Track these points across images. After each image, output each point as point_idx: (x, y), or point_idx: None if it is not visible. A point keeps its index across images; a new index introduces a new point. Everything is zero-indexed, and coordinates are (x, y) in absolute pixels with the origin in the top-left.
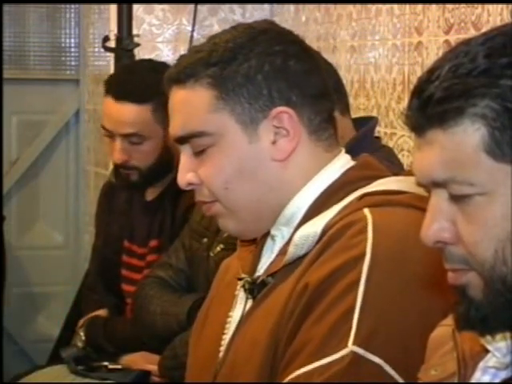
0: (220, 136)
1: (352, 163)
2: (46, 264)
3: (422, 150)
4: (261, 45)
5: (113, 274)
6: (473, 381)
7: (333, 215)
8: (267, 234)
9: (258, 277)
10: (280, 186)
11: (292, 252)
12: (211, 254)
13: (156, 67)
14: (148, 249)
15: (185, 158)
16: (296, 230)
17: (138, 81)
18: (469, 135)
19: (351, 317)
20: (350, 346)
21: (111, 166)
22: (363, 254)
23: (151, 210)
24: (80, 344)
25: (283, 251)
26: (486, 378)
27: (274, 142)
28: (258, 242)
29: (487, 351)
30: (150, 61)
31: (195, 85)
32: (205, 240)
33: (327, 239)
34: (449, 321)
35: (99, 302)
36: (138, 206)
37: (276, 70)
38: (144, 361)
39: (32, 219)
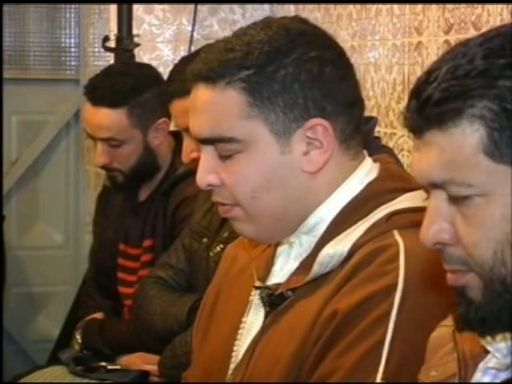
0: (251, 143)
1: (375, 172)
2: (46, 264)
3: (421, 151)
4: (298, 50)
5: (109, 278)
6: (473, 381)
7: (360, 235)
8: None
9: (276, 287)
10: (306, 196)
11: (316, 270)
12: (211, 254)
13: (129, 71)
14: (142, 249)
15: (206, 158)
16: (319, 242)
17: (111, 85)
18: (467, 136)
19: (381, 350)
20: (379, 382)
21: None
22: (395, 284)
23: (143, 210)
24: (77, 347)
25: (305, 265)
26: (487, 379)
27: (305, 153)
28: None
29: (487, 352)
30: (124, 64)
31: (227, 87)
32: (205, 240)
33: (356, 263)
34: (449, 321)
35: (96, 306)
36: (131, 208)
37: (312, 79)
38: (142, 361)
39: (32, 219)
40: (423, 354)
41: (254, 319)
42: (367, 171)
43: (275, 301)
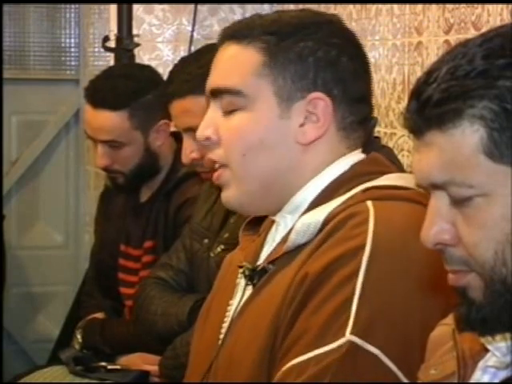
0: (254, 101)
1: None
2: (46, 264)
3: (421, 152)
4: (322, 32)
5: (110, 278)
6: (472, 380)
7: (336, 205)
8: (271, 224)
9: (259, 264)
10: (294, 170)
11: (293, 239)
12: (212, 255)
13: (130, 73)
14: (143, 250)
15: (210, 112)
16: (299, 218)
17: (113, 88)
18: (467, 136)
19: (349, 306)
20: (348, 336)
21: None
22: (363, 245)
23: (145, 211)
24: (77, 346)
25: (285, 239)
26: (486, 378)
27: (301, 125)
28: (261, 232)
29: (487, 350)
30: (126, 66)
31: (248, 45)
32: (205, 241)
33: (329, 229)
34: (449, 320)
35: (97, 306)
36: (133, 208)
37: (328, 60)
38: (141, 361)
39: (32, 219)
40: (392, 318)
41: (239, 300)
42: (354, 159)
43: (257, 275)
